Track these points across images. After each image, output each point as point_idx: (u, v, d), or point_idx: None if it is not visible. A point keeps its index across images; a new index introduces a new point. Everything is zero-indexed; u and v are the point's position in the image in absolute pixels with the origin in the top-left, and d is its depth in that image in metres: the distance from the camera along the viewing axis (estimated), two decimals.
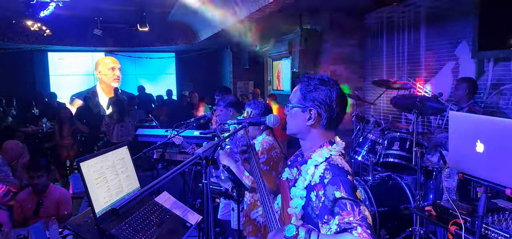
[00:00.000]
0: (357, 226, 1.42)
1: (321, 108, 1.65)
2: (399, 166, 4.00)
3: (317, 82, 1.67)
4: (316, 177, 1.59)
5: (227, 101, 3.78)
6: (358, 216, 1.44)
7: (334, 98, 1.64)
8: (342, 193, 1.49)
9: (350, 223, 1.43)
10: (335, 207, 1.48)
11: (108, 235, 1.98)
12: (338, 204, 1.48)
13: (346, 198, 1.47)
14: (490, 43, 4.31)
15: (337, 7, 6.47)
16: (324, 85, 1.66)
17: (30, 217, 3.88)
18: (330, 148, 1.65)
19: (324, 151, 1.64)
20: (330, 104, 1.64)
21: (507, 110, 4.45)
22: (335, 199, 1.49)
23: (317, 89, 1.66)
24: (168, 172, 1.58)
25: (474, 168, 2.12)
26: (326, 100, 1.64)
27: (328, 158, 1.62)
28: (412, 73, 5.89)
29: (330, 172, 1.56)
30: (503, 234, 2.12)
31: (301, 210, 1.63)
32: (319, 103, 1.65)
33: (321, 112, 1.65)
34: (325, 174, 1.56)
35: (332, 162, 1.60)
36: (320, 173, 1.58)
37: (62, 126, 7.55)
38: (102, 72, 13.51)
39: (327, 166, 1.58)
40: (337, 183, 1.51)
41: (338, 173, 1.55)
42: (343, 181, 1.52)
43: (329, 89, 1.65)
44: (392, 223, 3.92)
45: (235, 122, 2.13)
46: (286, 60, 10.07)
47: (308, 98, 1.67)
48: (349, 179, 1.54)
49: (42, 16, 7.84)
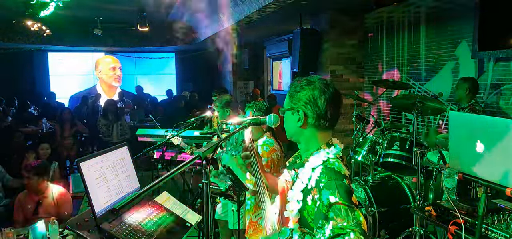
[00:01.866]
0: (350, 232, 1.40)
1: (307, 108, 1.65)
2: (399, 166, 4.00)
3: (304, 83, 1.67)
4: (312, 180, 1.58)
5: (223, 102, 3.81)
6: (352, 222, 1.42)
7: (317, 96, 1.63)
8: (337, 197, 1.47)
9: (344, 228, 1.41)
10: (329, 211, 1.46)
11: (108, 235, 1.98)
12: (333, 208, 1.46)
13: (340, 203, 1.46)
14: (490, 43, 4.31)
15: (337, 7, 6.47)
16: (309, 85, 1.66)
17: (30, 217, 3.88)
18: (327, 151, 1.64)
19: (322, 154, 1.63)
20: (314, 103, 1.63)
21: (507, 110, 4.46)
22: (330, 204, 1.47)
23: (303, 89, 1.66)
24: (168, 172, 1.58)
25: (474, 168, 2.12)
26: (311, 99, 1.64)
27: (325, 161, 1.60)
28: (412, 73, 5.89)
29: (326, 175, 1.55)
30: (503, 234, 2.12)
31: (297, 214, 1.62)
32: (304, 103, 1.65)
33: (307, 112, 1.65)
34: (321, 178, 1.55)
35: (328, 165, 1.58)
36: (316, 176, 1.57)
37: (63, 126, 7.57)
38: (102, 72, 13.45)
39: (323, 169, 1.57)
40: (332, 187, 1.50)
41: (334, 177, 1.53)
42: (339, 185, 1.50)
43: (312, 89, 1.64)
44: (392, 223, 3.92)
45: (235, 122, 2.14)
46: (286, 60, 10.08)
47: (295, 100, 1.68)
48: (345, 183, 1.52)
49: (42, 16, 7.84)
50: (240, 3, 6.34)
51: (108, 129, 7.17)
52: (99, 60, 13.34)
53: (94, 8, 8.33)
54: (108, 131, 7.18)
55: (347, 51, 6.87)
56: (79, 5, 7.80)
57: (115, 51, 13.36)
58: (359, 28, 6.90)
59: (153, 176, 4.94)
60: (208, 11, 7.81)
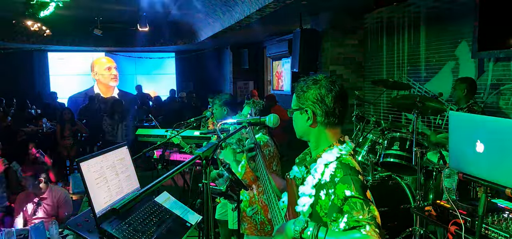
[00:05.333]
0: (366, 225, 1.42)
1: (315, 106, 1.67)
2: (399, 166, 4.00)
3: (310, 83, 1.70)
4: (326, 175, 1.60)
5: (222, 100, 3.82)
6: (367, 215, 1.44)
7: (324, 94, 1.65)
8: (353, 191, 1.50)
9: (359, 221, 1.44)
10: (344, 205, 1.49)
11: (108, 235, 1.98)
12: (348, 202, 1.48)
13: (356, 197, 1.48)
14: (490, 43, 4.31)
15: (337, 7, 6.47)
16: (315, 84, 1.68)
17: (30, 217, 3.88)
18: (340, 148, 1.67)
19: (335, 150, 1.66)
20: (322, 100, 1.66)
21: (507, 110, 4.45)
22: (345, 197, 1.49)
23: (309, 89, 1.69)
24: (168, 172, 1.58)
25: (474, 168, 2.12)
26: (318, 97, 1.66)
27: (339, 157, 1.64)
28: (412, 73, 5.89)
29: (341, 170, 1.57)
30: (503, 234, 2.12)
31: (309, 208, 1.64)
32: (312, 102, 1.68)
33: (316, 111, 1.67)
34: (336, 173, 1.58)
35: (343, 161, 1.62)
36: (330, 171, 1.60)
37: (63, 126, 7.57)
38: (98, 73, 13.49)
39: (338, 164, 1.60)
40: (348, 181, 1.52)
41: (350, 172, 1.56)
42: (354, 180, 1.53)
43: (319, 87, 1.67)
44: (392, 223, 3.91)
45: (235, 122, 2.14)
46: (286, 60, 10.08)
47: (302, 100, 1.70)
48: (360, 179, 1.56)
49: (42, 16, 7.84)
50: (240, 3, 6.34)
51: (113, 128, 7.19)
52: (94, 62, 13.46)
53: (94, 8, 8.33)
54: (113, 131, 7.20)
55: (347, 51, 6.88)
56: (79, 5, 7.80)
57: (115, 51, 13.37)
58: (359, 28, 6.90)
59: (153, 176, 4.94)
60: (208, 11, 7.82)
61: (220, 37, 9.30)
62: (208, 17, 8.24)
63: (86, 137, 8.55)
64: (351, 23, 6.83)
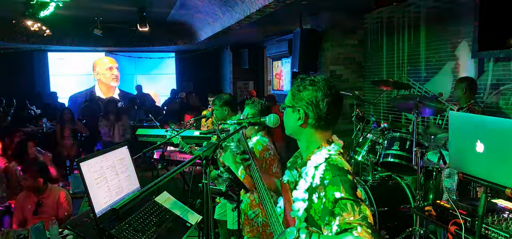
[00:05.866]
0: (357, 226, 1.41)
1: (308, 108, 1.66)
2: (399, 166, 4.00)
3: (307, 83, 1.68)
4: (316, 178, 1.59)
5: (223, 100, 3.81)
6: (358, 216, 1.43)
7: (320, 98, 1.64)
8: (342, 193, 1.48)
9: (350, 223, 1.43)
10: (335, 207, 1.48)
11: (108, 235, 1.98)
12: (339, 204, 1.47)
13: (346, 198, 1.47)
14: (490, 43, 4.31)
15: (337, 7, 6.47)
16: (312, 85, 1.66)
17: (30, 217, 3.88)
18: (328, 148, 1.66)
19: (324, 151, 1.65)
20: (316, 104, 1.64)
21: (507, 110, 4.45)
22: (335, 200, 1.48)
23: (306, 89, 1.67)
24: (168, 172, 1.58)
25: (474, 168, 2.12)
26: (312, 100, 1.65)
27: (328, 158, 1.62)
28: (412, 73, 5.89)
29: (330, 172, 1.56)
30: (503, 234, 2.12)
31: (304, 213, 1.63)
32: (306, 103, 1.66)
33: (308, 113, 1.66)
34: (325, 175, 1.56)
35: (331, 162, 1.60)
36: (320, 174, 1.58)
37: (63, 126, 7.57)
38: (100, 73, 13.50)
39: (326, 166, 1.59)
40: (337, 183, 1.51)
41: (338, 173, 1.55)
42: (343, 181, 1.51)
43: (315, 90, 1.65)
44: (392, 223, 3.91)
45: (235, 122, 2.14)
46: (286, 60, 10.08)
47: (297, 99, 1.69)
48: (349, 178, 1.54)
49: (42, 16, 7.84)
50: (240, 3, 6.33)
51: (110, 129, 7.17)
52: (96, 62, 13.48)
53: (94, 8, 8.33)
54: (109, 132, 7.18)
55: (347, 51, 6.87)
56: (79, 5, 7.80)
57: (115, 51, 13.37)
58: (359, 28, 6.90)
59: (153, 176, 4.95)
60: (208, 11, 7.82)
61: (220, 37, 9.29)
62: (208, 17, 8.24)
63: (86, 137, 8.54)
64: (351, 23, 6.83)
